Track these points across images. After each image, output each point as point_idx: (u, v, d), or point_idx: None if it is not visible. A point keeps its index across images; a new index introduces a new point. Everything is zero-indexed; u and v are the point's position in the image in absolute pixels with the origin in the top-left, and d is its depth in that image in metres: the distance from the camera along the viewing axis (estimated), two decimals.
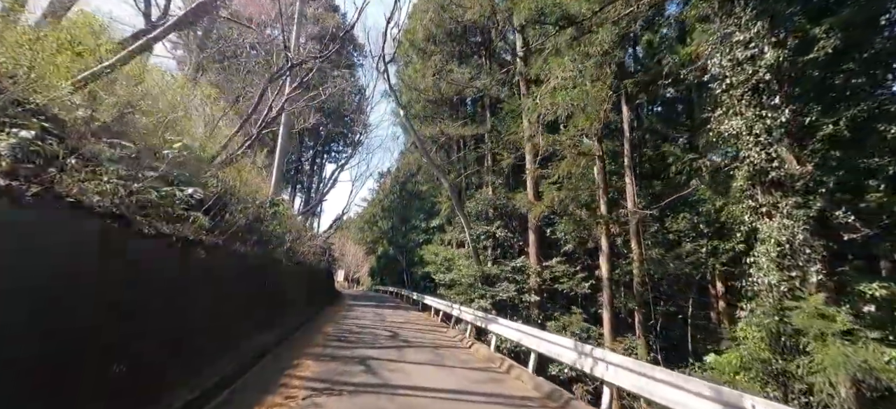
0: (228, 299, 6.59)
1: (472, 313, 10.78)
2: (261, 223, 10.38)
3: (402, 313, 17.96)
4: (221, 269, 6.55)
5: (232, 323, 6.65)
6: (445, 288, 16.81)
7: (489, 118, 17.37)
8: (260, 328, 8.05)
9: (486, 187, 16.86)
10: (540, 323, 10.98)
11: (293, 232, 13.94)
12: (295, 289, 13.14)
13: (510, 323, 8.28)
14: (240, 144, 10.96)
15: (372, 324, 12.52)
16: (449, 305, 13.58)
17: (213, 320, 5.95)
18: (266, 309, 9.10)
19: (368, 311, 17.41)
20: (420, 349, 8.68)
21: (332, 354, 7.44)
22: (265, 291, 9.39)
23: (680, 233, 9.84)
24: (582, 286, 11.05)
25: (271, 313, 9.64)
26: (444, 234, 19.32)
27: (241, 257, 7.57)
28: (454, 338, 10.87)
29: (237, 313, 7.01)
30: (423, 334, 11.11)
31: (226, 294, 6.55)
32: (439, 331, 12.15)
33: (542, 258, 12.06)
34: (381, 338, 9.72)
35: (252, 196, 10.53)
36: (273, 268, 10.36)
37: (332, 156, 36.06)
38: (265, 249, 9.89)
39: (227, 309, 6.52)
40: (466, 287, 13.39)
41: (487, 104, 17.68)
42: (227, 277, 6.74)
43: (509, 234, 13.40)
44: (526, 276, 12.12)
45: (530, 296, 11.22)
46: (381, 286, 42.77)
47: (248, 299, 7.80)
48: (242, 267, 7.53)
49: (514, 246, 13.52)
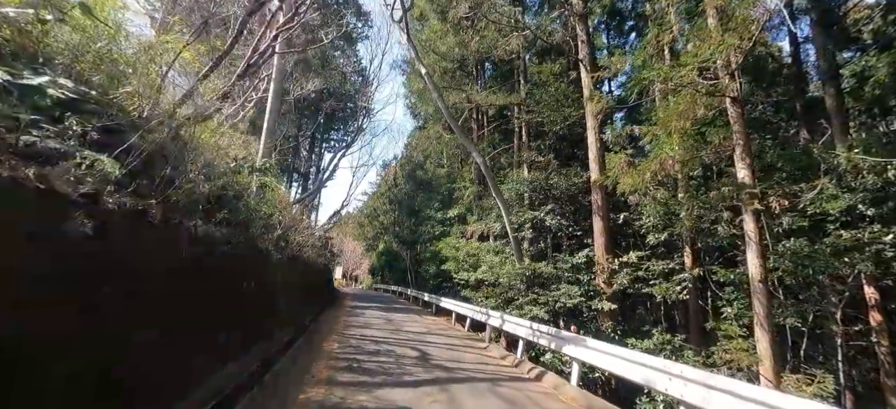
0: (165, 310, 3.62)
1: (527, 326, 7.85)
2: (238, 199, 7.42)
3: (416, 317, 15.03)
4: (150, 259, 3.62)
5: (171, 354, 3.66)
6: (471, 290, 13.87)
7: (523, 85, 14.44)
8: (226, 355, 5.08)
9: (522, 167, 13.93)
10: (618, 340, 8.08)
11: (286, 218, 10.97)
12: (288, 290, 10.16)
13: (615, 350, 5.35)
14: (214, 95, 7.93)
15: (387, 336, 9.57)
16: (482, 311, 10.64)
17: (112, 352, 2.96)
18: (242, 321, 6.13)
19: (376, 315, 14.45)
20: (472, 385, 5.75)
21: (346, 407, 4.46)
22: (244, 294, 6.43)
23: (824, 217, 6.97)
24: (674, 290, 8.14)
25: (251, 327, 6.69)
26: (465, 225, 16.37)
27: (202, 243, 4.63)
28: (502, 360, 7.94)
29: (184, 336, 4.02)
30: (459, 354, 8.18)
31: (161, 300, 3.59)
32: (475, 346, 9.22)
33: (611, 253, 9.14)
34: (407, 362, 6.77)
35: (225, 158, 7.55)
36: (256, 262, 7.39)
37: (332, 144, 33.18)
38: (246, 235, 6.94)
39: (170, 327, 3.56)
40: (506, 289, 10.45)
41: (522, 68, 14.75)
42: (161, 271, 3.78)
43: (564, 222, 10.49)
44: (592, 275, 9.22)
45: (602, 303, 8.34)
46: (383, 285, 39.84)
47: (209, 307, 4.83)
48: (202, 257, 4.58)
49: (572, 237, 10.56)
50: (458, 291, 15.74)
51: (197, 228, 4.68)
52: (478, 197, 16.54)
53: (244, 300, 6.40)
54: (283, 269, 9.77)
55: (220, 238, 5.44)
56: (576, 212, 11.13)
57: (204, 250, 4.86)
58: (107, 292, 2.90)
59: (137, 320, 3.24)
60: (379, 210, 40.44)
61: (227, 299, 5.56)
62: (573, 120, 12.01)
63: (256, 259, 7.43)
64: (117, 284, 3.09)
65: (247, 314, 6.42)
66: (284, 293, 9.68)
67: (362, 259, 55.05)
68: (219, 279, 5.33)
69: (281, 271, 9.41)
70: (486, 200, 16.16)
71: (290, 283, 10.70)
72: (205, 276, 4.77)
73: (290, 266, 10.68)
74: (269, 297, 8.21)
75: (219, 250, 5.35)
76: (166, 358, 3.63)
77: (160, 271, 3.82)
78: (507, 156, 15.72)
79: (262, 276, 7.81)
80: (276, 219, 8.32)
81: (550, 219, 10.51)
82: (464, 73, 16.47)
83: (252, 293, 6.91)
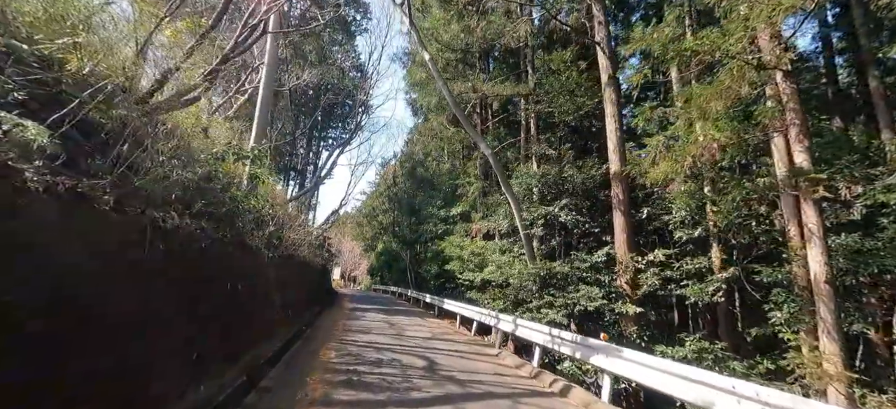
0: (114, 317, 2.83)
1: (544, 332, 7.07)
2: (224, 190, 6.64)
3: (419, 320, 14.24)
4: (97, 253, 2.84)
5: (116, 375, 2.85)
6: (476, 291, 13.10)
7: (531, 76, 13.66)
8: (202, 371, 4.28)
9: (530, 161, 13.15)
10: (645, 346, 7.31)
11: (281, 214, 10.17)
12: (281, 292, 9.37)
13: (663, 363, 4.57)
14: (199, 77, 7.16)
15: (389, 342, 8.79)
16: (490, 314, 9.85)
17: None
18: (226, 329, 5.34)
19: (377, 318, 13.66)
20: (490, 402, 4.96)
21: None
22: (229, 298, 5.65)
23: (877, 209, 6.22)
24: (706, 293, 7.33)
25: (237, 335, 5.91)
26: (470, 223, 15.59)
27: (174, 238, 3.87)
28: (518, 370, 7.16)
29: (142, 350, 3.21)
30: (470, 363, 7.39)
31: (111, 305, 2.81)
32: (485, 354, 8.44)
33: (634, 251, 8.34)
34: (414, 374, 5.99)
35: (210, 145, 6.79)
36: (244, 261, 6.61)
37: (330, 142, 32.42)
38: (232, 230, 6.18)
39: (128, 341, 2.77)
40: (517, 290, 9.66)
41: (529, 57, 13.98)
42: (112, 270, 3.01)
43: (580, 218, 9.69)
44: (613, 276, 8.43)
45: (625, 306, 7.55)
46: (382, 286, 38.98)
47: (181, 313, 4.04)
48: (173, 255, 3.81)
49: (589, 235, 9.75)
50: (463, 292, 14.97)
51: (166, 220, 3.90)
52: (483, 194, 15.77)
53: (229, 305, 5.61)
54: (277, 269, 8.99)
55: (197, 233, 4.66)
56: (592, 207, 10.34)
57: (179, 245, 4.08)
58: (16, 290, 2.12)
59: (64, 329, 2.45)
60: (378, 210, 39.61)
61: (205, 303, 4.77)
62: (587, 110, 11.26)
63: (244, 258, 6.65)
64: (38, 281, 2.31)
65: (231, 321, 5.63)
66: (278, 296, 8.90)
67: (361, 260, 54.21)
68: (196, 281, 4.54)
69: (274, 272, 8.62)
70: (491, 197, 15.39)
71: (285, 284, 9.92)
72: (176, 277, 3.98)
73: (284, 266, 9.89)
74: (260, 300, 7.42)
75: (195, 246, 4.57)
76: (109, 382, 2.82)
77: (111, 270, 3.03)
78: (514, 150, 14.94)
79: (252, 277, 7.02)
80: (267, 213, 7.52)
81: (565, 215, 9.71)
82: (467, 64, 15.69)
83: (239, 296, 6.12)
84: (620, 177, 8.65)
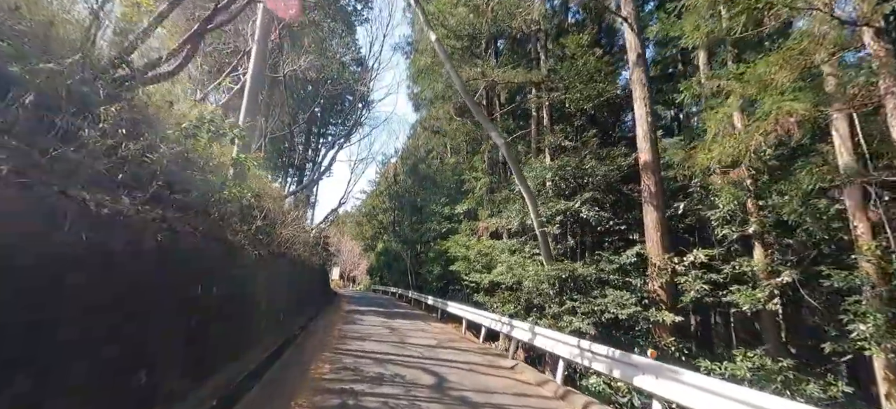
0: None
1: (572, 344, 6.10)
2: (205, 172, 5.73)
3: (422, 324, 13.28)
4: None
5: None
6: (484, 294, 12.12)
7: (544, 63, 12.70)
8: (151, 400, 3.31)
9: (542, 154, 12.18)
10: (684, 361, 6.33)
11: (271, 208, 9.19)
12: (273, 293, 8.39)
13: (731, 390, 3.61)
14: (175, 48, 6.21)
15: (390, 352, 7.82)
16: (502, 321, 8.87)
17: None
18: (192, 341, 4.37)
19: (376, 322, 12.69)
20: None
21: None
22: (199, 302, 4.69)
23: None
24: (757, 299, 6.33)
25: (212, 347, 4.96)
26: (476, 221, 14.63)
27: (110, 226, 2.88)
28: (540, 388, 6.16)
29: (42, 379, 2.23)
30: (484, 379, 6.42)
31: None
32: (499, 366, 7.45)
33: (669, 251, 7.35)
34: (421, 395, 5.01)
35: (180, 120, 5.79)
36: (225, 259, 5.64)
37: (329, 139, 31.55)
38: (206, 222, 5.23)
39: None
40: (532, 294, 8.68)
41: (542, 42, 13.02)
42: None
43: (604, 214, 8.69)
44: (644, 279, 7.45)
45: (661, 314, 6.55)
46: (381, 286, 37.99)
47: (122, 323, 3.06)
48: (115, 246, 2.83)
49: (613, 232, 8.74)
50: (469, 294, 13.99)
51: (102, 205, 2.93)
52: (490, 190, 14.79)
53: (199, 311, 4.63)
54: (266, 269, 8.02)
55: (152, 223, 3.70)
56: (615, 203, 9.38)
57: (120, 237, 3.12)
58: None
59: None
60: (378, 208, 38.68)
61: (162, 311, 3.80)
62: (607, 97, 10.29)
63: (223, 256, 5.68)
64: None
65: (202, 331, 4.66)
66: (266, 299, 7.91)
67: (360, 259, 53.23)
68: (147, 284, 3.57)
69: (262, 272, 7.65)
70: (500, 193, 14.43)
71: (275, 286, 8.95)
72: (112, 277, 3.01)
73: (274, 266, 8.92)
74: (243, 304, 6.43)
75: (149, 240, 3.60)
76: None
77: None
78: (523, 143, 13.96)
79: (234, 278, 6.05)
80: (250, 201, 6.52)
81: (587, 210, 8.74)
82: (474, 54, 14.75)
83: (215, 301, 5.15)
84: (652, 167, 7.69)
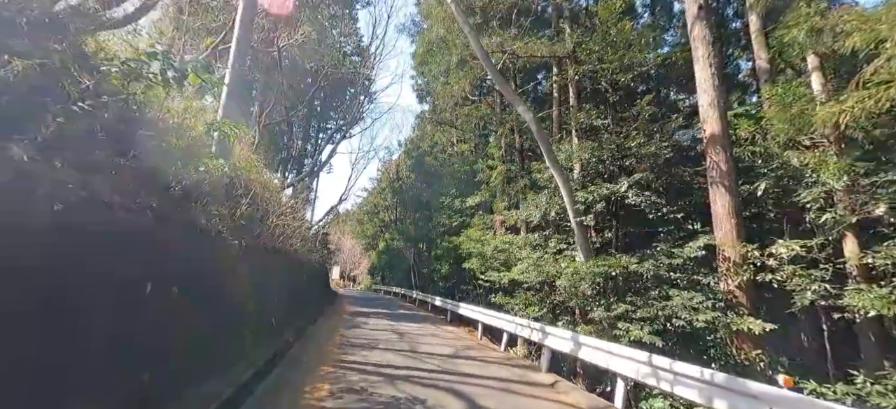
0: None
1: (642, 359, 4.76)
2: (165, 135, 4.42)
3: (432, 328, 11.95)
4: None
5: None
6: (504, 294, 10.79)
7: (569, 35, 11.33)
8: None
9: (570, 135, 10.83)
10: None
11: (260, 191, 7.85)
12: (263, 294, 7.03)
13: None
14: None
15: (403, 364, 6.47)
16: (530, 325, 7.50)
17: None
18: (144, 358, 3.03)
19: (382, 326, 11.35)
20: None
21: None
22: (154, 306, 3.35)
23: None
24: (888, 302, 4.90)
25: (180, 363, 3.63)
26: (491, 214, 13.30)
27: None
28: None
29: None
30: (523, 402, 5.08)
31: None
32: (534, 383, 6.06)
33: (746, 242, 5.96)
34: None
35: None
36: (195, 251, 4.29)
37: (329, 133, 30.37)
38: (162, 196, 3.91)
39: None
40: (569, 294, 7.33)
41: (567, 13, 11.65)
42: None
43: (657, 199, 7.30)
44: (716, 277, 6.08)
45: (745, 321, 5.20)
46: (383, 286, 36.69)
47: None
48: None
49: (668, 221, 7.33)
50: (483, 294, 12.67)
51: None
52: (506, 180, 13.44)
53: (145, 321, 3.28)
54: (256, 265, 6.67)
55: (43, 182, 2.36)
56: (668, 187, 8.00)
57: None
58: None
59: None
60: (380, 206, 37.38)
61: (72, 318, 2.45)
62: (648, 68, 8.96)
63: (191, 245, 4.32)
64: None
65: (147, 352, 3.30)
66: (253, 300, 6.55)
67: (361, 259, 51.92)
68: (37, 276, 2.23)
69: (249, 269, 6.30)
70: (517, 184, 13.09)
71: (267, 285, 7.60)
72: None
73: (266, 262, 7.57)
74: (219, 307, 5.08)
75: (41, 215, 2.26)
76: None
77: None
78: (545, 124, 12.63)
79: (204, 273, 4.70)
80: (231, 180, 5.18)
81: (634, 195, 7.38)
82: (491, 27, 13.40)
83: (173, 303, 3.80)
84: (721, 141, 6.34)
